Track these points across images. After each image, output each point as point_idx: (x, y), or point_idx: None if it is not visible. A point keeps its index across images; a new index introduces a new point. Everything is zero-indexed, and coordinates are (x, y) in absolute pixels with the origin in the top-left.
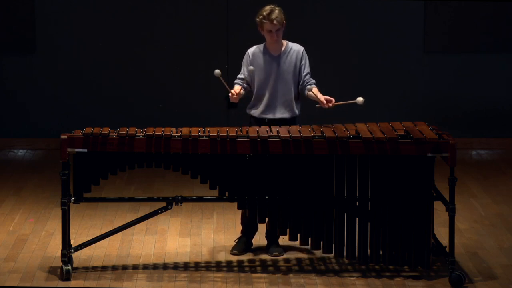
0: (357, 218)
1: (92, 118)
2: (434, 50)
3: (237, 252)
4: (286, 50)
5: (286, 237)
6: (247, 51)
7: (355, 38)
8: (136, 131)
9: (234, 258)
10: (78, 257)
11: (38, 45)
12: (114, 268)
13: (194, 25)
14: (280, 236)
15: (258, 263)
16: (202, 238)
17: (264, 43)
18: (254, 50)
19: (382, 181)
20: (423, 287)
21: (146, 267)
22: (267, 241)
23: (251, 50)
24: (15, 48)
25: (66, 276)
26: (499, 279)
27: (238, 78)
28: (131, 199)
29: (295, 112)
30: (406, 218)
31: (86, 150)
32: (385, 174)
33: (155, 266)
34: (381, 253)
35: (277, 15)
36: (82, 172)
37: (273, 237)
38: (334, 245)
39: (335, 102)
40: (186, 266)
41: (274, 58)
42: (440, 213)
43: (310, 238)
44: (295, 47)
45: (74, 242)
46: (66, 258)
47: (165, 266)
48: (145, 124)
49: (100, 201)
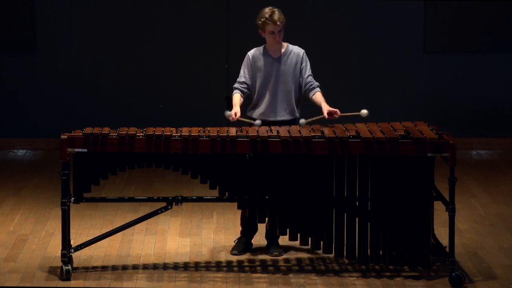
0: (357, 218)
1: (92, 118)
2: (434, 50)
3: (236, 252)
4: (287, 52)
5: (286, 237)
6: (247, 54)
7: (355, 38)
8: (136, 131)
9: (234, 258)
10: (78, 257)
11: (38, 45)
12: (114, 268)
13: (194, 25)
14: (280, 236)
15: (258, 263)
16: (202, 238)
17: (264, 45)
18: (254, 52)
19: (382, 181)
20: (423, 287)
21: (146, 267)
22: (267, 241)
23: (251, 52)
24: (15, 48)
25: (66, 276)
26: (499, 279)
27: (237, 82)
28: (131, 199)
29: (296, 114)
30: (406, 218)
31: (86, 150)
32: (385, 174)
33: (155, 266)
34: (381, 253)
35: (279, 16)
36: (82, 172)
37: (273, 237)
38: (334, 245)
39: (340, 114)
40: (186, 266)
41: (274, 60)
42: (440, 213)
43: (310, 238)
44: (296, 50)
45: (74, 242)
46: (66, 258)
47: (165, 266)
48: (145, 124)
49: (100, 201)
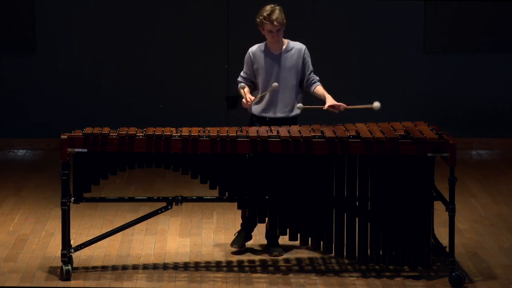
0: (357, 218)
1: (92, 118)
2: (434, 50)
3: (236, 247)
4: (287, 48)
5: (286, 237)
6: (249, 50)
7: (355, 38)
8: (136, 131)
9: (234, 258)
10: (78, 257)
11: (38, 45)
12: (114, 268)
13: (194, 25)
14: (280, 236)
15: (258, 263)
16: (202, 238)
17: (265, 42)
18: (255, 49)
19: (382, 181)
20: (423, 287)
21: (146, 267)
22: (267, 241)
23: (253, 49)
24: (15, 48)
25: (66, 276)
26: (499, 279)
27: (241, 77)
28: (131, 199)
29: (297, 111)
30: (406, 218)
31: (86, 150)
32: (385, 174)
33: (155, 266)
34: (381, 253)
35: (277, 16)
36: (82, 172)
37: (273, 237)
38: (334, 245)
39: (347, 107)
40: (186, 266)
41: (275, 57)
42: (440, 213)
43: (310, 238)
44: (297, 46)
45: (74, 242)
46: (66, 258)
47: (165, 266)
48: (145, 124)
49: (100, 201)
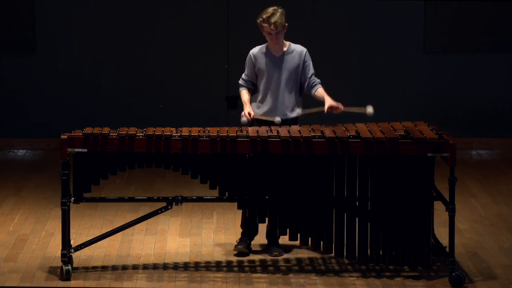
0: (357, 218)
1: (92, 118)
2: (434, 50)
3: (242, 248)
4: (288, 51)
5: (286, 237)
6: (250, 52)
7: (355, 38)
8: (136, 131)
9: (234, 258)
10: (78, 257)
11: (38, 45)
12: (114, 268)
13: (194, 25)
14: (280, 236)
15: (258, 263)
16: (202, 238)
17: (266, 44)
18: (257, 51)
19: (382, 181)
20: (423, 287)
21: (146, 267)
22: (267, 241)
23: (254, 51)
24: (15, 48)
25: (66, 276)
26: (499, 279)
27: (242, 79)
28: (131, 199)
29: (298, 112)
30: (406, 218)
31: (86, 150)
32: (385, 174)
33: (155, 266)
34: (381, 253)
35: (276, 19)
36: (82, 172)
37: (273, 237)
38: (334, 245)
39: (343, 109)
40: (186, 266)
41: (276, 59)
42: (440, 213)
43: (310, 238)
44: (298, 48)
45: (74, 242)
46: (66, 258)
47: (165, 266)
48: (145, 124)
49: (100, 201)
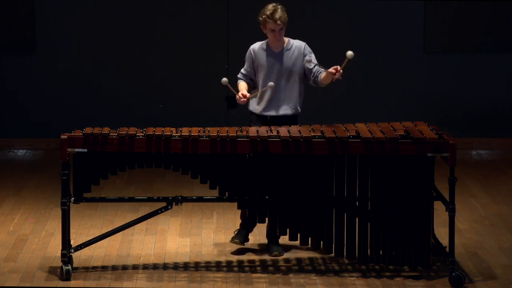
0: (357, 218)
1: (92, 118)
2: (434, 50)
3: (238, 241)
4: (288, 46)
5: (286, 237)
6: (250, 48)
7: (355, 38)
8: (136, 131)
9: (234, 258)
10: (78, 257)
11: (38, 45)
12: (114, 268)
13: (194, 25)
14: (280, 236)
15: (258, 263)
16: (202, 238)
17: (266, 40)
18: (257, 47)
19: (382, 181)
20: (423, 287)
21: (146, 267)
22: (267, 241)
23: (254, 46)
24: (15, 48)
25: (66, 276)
26: (499, 279)
27: (241, 73)
28: (131, 199)
29: (298, 109)
30: (406, 218)
31: (86, 150)
32: (385, 174)
33: (155, 266)
34: (381, 253)
35: (280, 15)
36: (82, 172)
37: (273, 237)
38: (334, 245)
39: (340, 69)
40: (186, 266)
41: (276, 55)
42: (440, 213)
43: (310, 238)
44: (297, 43)
45: (74, 242)
46: (66, 258)
47: (165, 266)
48: (145, 124)
49: (100, 201)
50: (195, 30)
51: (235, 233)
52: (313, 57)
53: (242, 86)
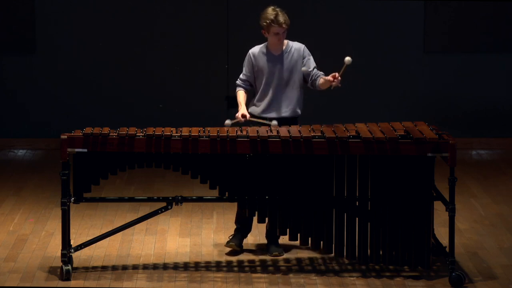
0: (357, 218)
1: (92, 118)
2: (434, 50)
3: (234, 244)
4: (287, 49)
5: (286, 237)
6: (249, 52)
7: (355, 38)
8: (136, 131)
9: (234, 258)
10: (78, 257)
11: (38, 45)
12: (114, 268)
13: (194, 25)
14: (280, 236)
15: (258, 263)
16: (202, 238)
17: (265, 44)
18: (257, 50)
19: (382, 181)
20: (423, 287)
21: (146, 267)
22: (267, 241)
23: (253, 50)
24: (15, 48)
25: (66, 276)
26: (499, 279)
27: (240, 79)
28: (131, 199)
29: (297, 111)
30: (406, 218)
31: (86, 150)
32: (385, 174)
33: (155, 266)
34: (381, 253)
35: (284, 18)
36: (82, 172)
37: (273, 237)
38: (334, 245)
39: (338, 76)
40: (186, 266)
41: (276, 57)
42: (440, 213)
43: (310, 238)
44: (296, 46)
45: (74, 242)
46: (66, 258)
47: (165, 266)
48: (145, 124)
49: (100, 201)
50: (195, 30)
51: (230, 237)
52: (311, 59)
53: (241, 97)
